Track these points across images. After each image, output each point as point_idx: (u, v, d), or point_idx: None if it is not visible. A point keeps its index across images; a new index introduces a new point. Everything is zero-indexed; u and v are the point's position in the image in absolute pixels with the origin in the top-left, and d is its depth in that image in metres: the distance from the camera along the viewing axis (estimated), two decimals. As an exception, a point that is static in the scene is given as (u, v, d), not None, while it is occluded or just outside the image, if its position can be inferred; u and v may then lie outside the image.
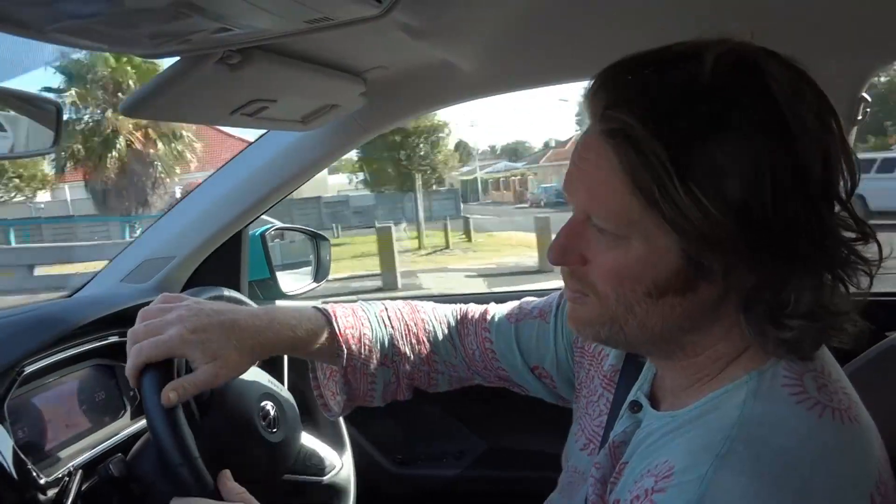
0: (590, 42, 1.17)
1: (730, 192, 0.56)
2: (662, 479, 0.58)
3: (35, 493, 0.93)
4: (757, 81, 0.57)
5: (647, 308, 0.63)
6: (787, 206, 0.56)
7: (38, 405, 1.06)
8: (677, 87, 0.58)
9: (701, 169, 0.56)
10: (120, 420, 1.20)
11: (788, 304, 0.59)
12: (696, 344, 0.66)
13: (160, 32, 0.79)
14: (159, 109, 1.01)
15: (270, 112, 1.12)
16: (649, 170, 0.57)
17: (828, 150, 0.58)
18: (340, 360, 0.97)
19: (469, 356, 1.04)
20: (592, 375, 0.89)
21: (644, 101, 0.58)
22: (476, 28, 1.09)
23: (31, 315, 1.14)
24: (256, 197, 1.43)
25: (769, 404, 0.60)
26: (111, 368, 1.23)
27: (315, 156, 1.41)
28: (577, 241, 0.66)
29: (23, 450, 0.95)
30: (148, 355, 0.83)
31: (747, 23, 0.63)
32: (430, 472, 1.75)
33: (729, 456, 0.56)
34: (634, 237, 0.61)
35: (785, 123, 0.56)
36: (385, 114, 1.38)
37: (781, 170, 0.56)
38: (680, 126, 0.56)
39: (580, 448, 0.87)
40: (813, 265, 0.59)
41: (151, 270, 1.44)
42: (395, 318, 1.04)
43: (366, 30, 0.90)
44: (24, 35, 0.73)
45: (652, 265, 0.61)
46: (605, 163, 0.60)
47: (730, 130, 0.56)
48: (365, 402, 1.04)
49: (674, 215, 0.57)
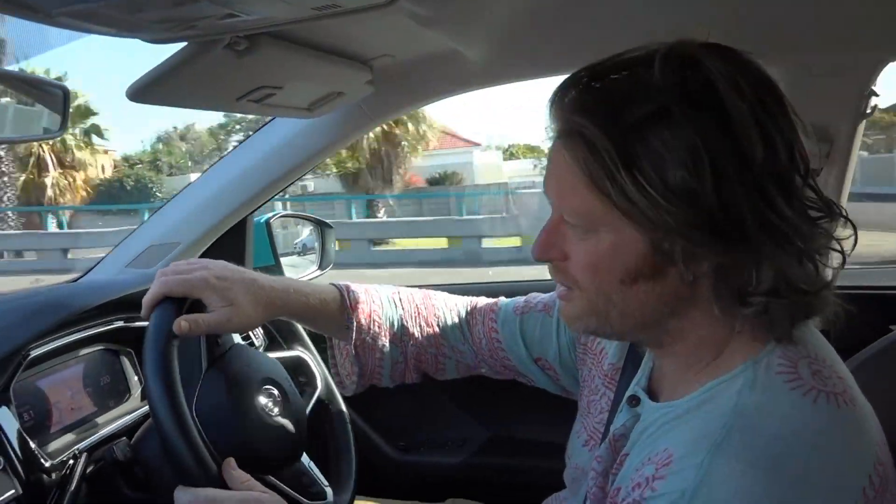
0: (598, 31, 1.16)
1: (672, 179, 0.59)
2: (662, 466, 0.60)
3: (40, 476, 0.94)
4: (696, 75, 0.61)
5: (624, 296, 0.67)
6: (730, 189, 0.59)
7: (43, 389, 1.07)
8: (626, 88, 0.63)
9: (645, 159, 0.60)
10: (125, 404, 1.21)
11: (751, 282, 0.61)
12: (681, 330, 0.69)
13: (167, 18, 0.79)
14: (165, 95, 1.01)
15: (277, 99, 1.12)
16: (601, 165, 0.61)
17: (769, 133, 0.60)
18: (350, 332, 1.01)
19: (477, 344, 1.06)
20: (594, 374, 0.91)
21: (597, 104, 0.63)
22: (484, 16, 1.09)
23: (36, 299, 1.15)
24: (262, 184, 1.43)
25: (764, 393, 0.62)
26: (116, 353, 1.23)
27: (321, 144, 1.41)
28: (556, 238, 0.70)
29: (28, 433, 0.96)
30: (169, 288, 0.89)
31: (756, 14, 0.64)
32: (432, 459, 1.75)
33: (726, 444, 0.58)
34: (602, 230, 0.65)
35: (723, 111, 0.59)
36: (391, 102, 1.38)
37: (720, 155, 0.59)
38: (626, 122, 0.61)
39: (582, 445, 0.88)
40: (768, 244, 0.61)
41: (157, 256, 1.45)
42: (407, 300, 1.08)
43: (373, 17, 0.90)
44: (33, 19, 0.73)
45: (621, 254, 0.65)
46: (566, 164, 0.65)
47: (671, 121, 0.60)
48: (374, 379, 1.06)
49: (626, 205, 0.61)
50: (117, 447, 1.00)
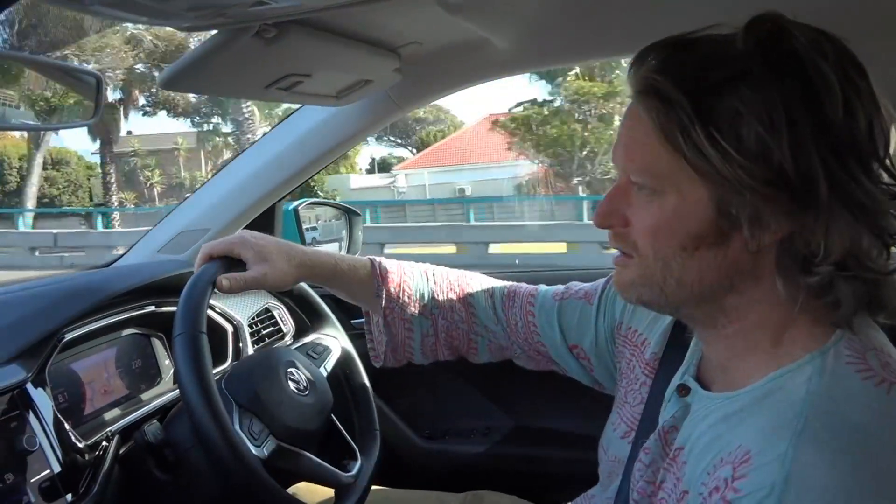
0: (626, 19, 1.14)
1: (748, 135, 0.59)
2: (741, 464, 0.58)
3: (74, 457, 0.96)
4: (780, 39, 0.60)
5: (683, 262, 0.65)
6: (805, 149, 0.58)
7: (77, 371, 1.10)
8: (707, 51, 0.63)
9: (721, 116, 0.60)
10: (156, 387, 1.23)
11: (818, 252, 0.60)
12: (738, 309, 0.67)
13: (198, 5, 0.79)
14: (196, 83, 1.02)
15: (305, 87, 1.12)
16: (674, 118, 0.61)
17: (850, 102, 0.59)
18: (380, 301, 1.03)
19: (512, 327, 1.05)
20: (633, 365, 0.89)
21: (675, 64, 0.63)
22: (513, 3, 1.08)
23: (70, 284, 1.17)
24: (290, 171, 1.44)
25: (837, 381, 0.60)
26: (147, 337, 1.25)
27: (348, 132, 1.41)
28: (619, 204, 0.69)
29: (63, 414, 0.98)
30: (212, 248, 0.98)
31: (791, 3, 0.62)
32: (457, 447, 1.76)
33: (807, 432, 0.56)
34: (669, 190, 0.64)
35: (805, 75, 0.59)
36: (419, 90, 1.38)
37: (798, 115, 0.58)
38: (704, 81, 0.61)
39: (620, 436, 0.86)
40: (840, 212, 0.59)
41: (187, 242, 1.47)
42: (441, 276, 1.09)
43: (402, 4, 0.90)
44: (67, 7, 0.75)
45: (685, 217, 0.64)
46: (639, 122, 0.65)
47: (750, 81, 0.60)
48: (406, 353, 1.08)
49: (697, 160, 0.61)
50: (148, 429, 1.02)
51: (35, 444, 0.91)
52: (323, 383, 1.18)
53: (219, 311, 1.35)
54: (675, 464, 0.69)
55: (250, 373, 1.09)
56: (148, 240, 1.52)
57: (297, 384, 1.10)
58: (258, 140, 1.50)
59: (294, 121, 1.43)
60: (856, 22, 0.61)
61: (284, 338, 1.49)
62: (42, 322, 1.01)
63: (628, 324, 0.92)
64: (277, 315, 1.51)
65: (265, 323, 1.47)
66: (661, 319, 0.87)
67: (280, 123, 1.48)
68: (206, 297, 0.94)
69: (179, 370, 0.91)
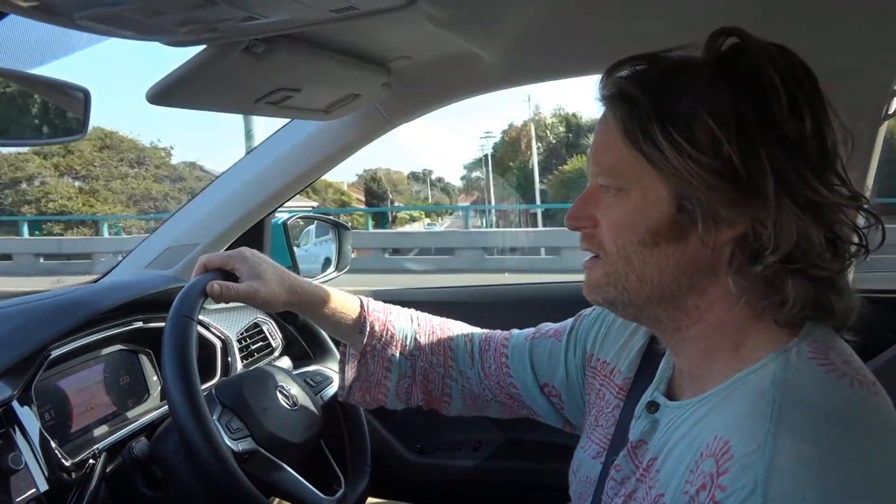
0: (613, 35, 1.15)
1: (700, 132, 0.63)
2: (722, 455, 0.58)
3: (60, 475, 0.95)
4: (737, 49, 0.66)
5: (644, 258, 0.69)
6: (752, 142, 0.62)
7: (63, 388, 1.08)
8: (670, 62, 0.69)
9: (677, 113, 0.64)
10: (144, 404, 1.22)
11: (768, 246, 0.63)
12: (698, 308, 0.70)
13: (187, 21, 0.79)
14: (184, 97, 1.02)
15: (294, 101, 1.12)
16: (636, 118, 0.66)
17: (797, 105, 0.63)
18: (362, 337, 1.03)
19: (486, 371, 1.06)
20: (604, 393, 0.91)
21: (642, 72, 0.69)
22: (501, 18, 1.09)
23: (57, 300, 1.16)
24: (279, 186, 1.44)
25: (800, 373, 0.62)
26: (135, 353, 1.24)
27: (337, 146, 1.41)
28: (589, 206, 0.74)
29: (49, 432, 0.97)
30: (209, 260, 1.00)
31: (776, 15, 0.64)
32: (448, 461, 1.75)
33: (783, 421, 0.57)
34: (632, 188, 0.69)
35: (756, 79, 0.64)
36: (408, 104, 1.38)
37: (748, 115, 0.63)
38: (666, 84, 0.66)
39: (591, 457, 0.88)
40: (789, 206, 0.62)
41: (175, 257, 1.46)
42: (424, 320, 1.10)
43: (391, 19, 0.90)
44: (54, 23, 0.74)
45: (645, 212, 0.68)
46: (606, 125, 0.71)
47: (705, 83, 0.65)
48: (379, 395, 1.06)
49: (653, 153, 0.65)
50: (136, 446, 1.01)
51: (21, 462, 0.89)
52: (314, 403, 1.17)
53: (207, 325, 1.34)
54: (648, 474, 0.71)
55: (241, 380, 1.10)
56: (136, 255, 1.51)
57: (286, 398, 1.11)
58: (247, 154, 1.50)
59: (283, 135, 1.43)
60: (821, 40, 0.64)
61: (273, 352, 1.49)
62: (28, 339, 1.00)
63: (598, 356, 0.95)
64: (266, 330, 1.50)
65: (254, 338, 1.47)
66: (630, 347, 0.89)
67: (269, 138, 1.48)
68: (199, 302, 0.95)
69: (164, 351, 0.91)
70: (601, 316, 0.97)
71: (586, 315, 1.00)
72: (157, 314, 1.23)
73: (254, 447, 1.01)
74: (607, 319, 0.96)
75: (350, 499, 1.17)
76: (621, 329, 0.93)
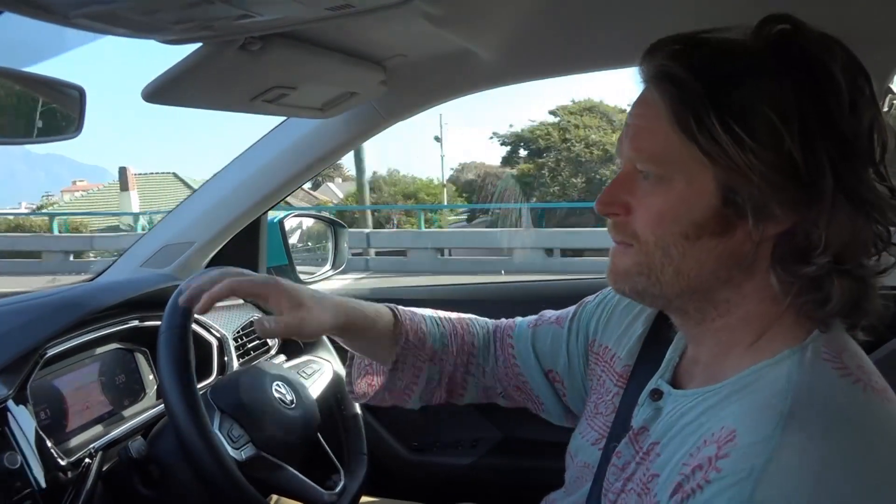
0: (609, 32, 1.15)
1: (761, 127, 0.60)
2: (726, 443, 0.58)
3: (56, 474, 0.94)
4: (792, 38, 0.63)
5: (684, 251, 0.66)
6: (813, 145, 0.60)
7: (59, 387, 1.08)
8: (717, 46, 0.65)
9: (735, 105, 0.61)
10: (140, 402, 1.22)
11: (818, 245, 0.62)
12: (729, 302, 0.68)
13: (183, 19, 0.79)
14: (180, 96, 1.02)
15: (290, 99, 1.12)
16: (688, 105, 0.63)
17: (856, 104, 0.62)
18: (397, 347, 0.99)
19: (497, 362, 1.06)
20: (604, 380, 0.91)
21: (689, 53, 0.65)
22: (497, 16, 1.09)
23: (52, 298, 1.15)
24: (275, 184, 1.43)
25: (816, 374, 0.61)
26: (131, 352, 1.24)
27: (334, 144, 1.41)
28: (623, 191, 0.70)
29: (45, 431, 0.97)
30: (238, 287, 0.87)
31: (767, 12, 0.64)
32: (444, 459, 1.75)
33: (795, 418, 0.57)
34: (676, 176, 0.65)
35: (815, 74, 0.61)
36: (404, 102, 1.38)
37: (809, 112, 0.60)
38: (717, 70, 0.63)
39: (591, 443, 0.88)
40: (844, 205, 0.61)
41: (171, 256, 1.45)
42: (446, 319, 1.07)
43: (387, 17, 0.90)
44: (49, 20, 0.74)
45: (691, 204, 0.65)
46: (650, 108, 0.67)
47: (763, 75, 0.62)
48: (403, 397, 1.04)
49: (709, 146, 0.62)
50: (132, 445, 1.01)
51: (16, 462, 0.89)
52: (310, 400, 1.17)
53: (203, 324, 1.34)
54: (648, 457, 0.71)
55: (236, 383, 1.09)
56: (131, 253, 1.50)
57: (283, 397, 1.11)
58: (243, 152, 1.49)
59: (279, 133, 1.43)
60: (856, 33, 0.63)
61: (270, 351, 1.49)
62: (23, 337, 1.00)
63: (600, 341, 0.94)
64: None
65: (250, 336, 1.46)
66: (629, 335, 0.88)
67: (265, 136, 1.47)
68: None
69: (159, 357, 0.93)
70: (604, 301, 0.96)
71: (589, 301, 1.00)
72: (153, 313, 1.23)
73: (256, 452, 1.01)
74: (611, 303, 0.95)
75: (350, 490, 1.17)
76: (623, 314, 0.92)
